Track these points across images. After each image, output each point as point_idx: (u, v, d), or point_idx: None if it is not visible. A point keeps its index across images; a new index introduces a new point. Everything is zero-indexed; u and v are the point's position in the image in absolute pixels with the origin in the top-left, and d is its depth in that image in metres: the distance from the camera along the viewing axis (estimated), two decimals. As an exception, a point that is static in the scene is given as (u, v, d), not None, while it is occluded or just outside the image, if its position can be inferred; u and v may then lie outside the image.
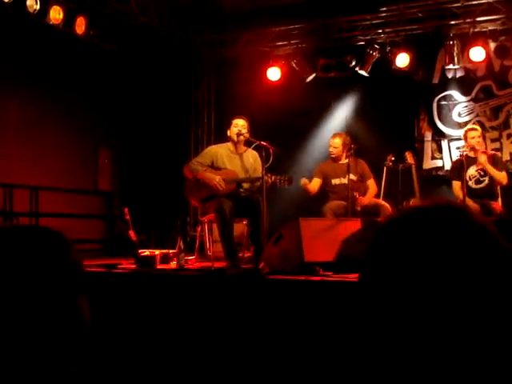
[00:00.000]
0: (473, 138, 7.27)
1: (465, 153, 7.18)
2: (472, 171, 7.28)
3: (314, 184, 7.40)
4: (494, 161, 7.30)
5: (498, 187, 7.31)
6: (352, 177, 7.01)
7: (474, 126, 7.70)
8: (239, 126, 6.71)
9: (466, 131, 7.45)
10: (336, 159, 7.46)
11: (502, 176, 7.18)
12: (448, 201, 0.96)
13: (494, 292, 0.86)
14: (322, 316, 4.29)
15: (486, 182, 7.25)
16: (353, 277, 4.48)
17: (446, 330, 0.85)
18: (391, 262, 0.89)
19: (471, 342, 0.85)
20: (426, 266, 0.86)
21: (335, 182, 7.38)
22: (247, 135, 6.66)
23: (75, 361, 1.26)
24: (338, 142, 7.44)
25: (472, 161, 7.25)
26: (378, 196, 7.34)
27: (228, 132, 6.83)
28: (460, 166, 7.22)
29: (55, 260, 1.24)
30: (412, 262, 0.87)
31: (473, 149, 7.25)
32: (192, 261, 6.69)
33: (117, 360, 4.76)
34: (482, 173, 7.27)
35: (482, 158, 7.15)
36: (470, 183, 7.18)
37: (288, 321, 4.52)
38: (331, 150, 7.46)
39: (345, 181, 7.21)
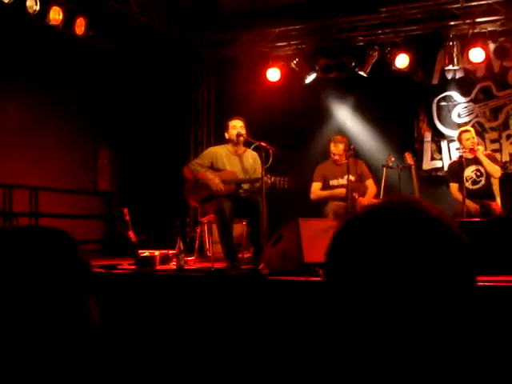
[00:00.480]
0: (467, 139, 7.30)
1: (464, 153, 7.19)
2: (468, 172, 7.29)
3: (315, 189, 7.41)
4: (490, 159, 7.33)
5: (495, 187, 7.32)
6: (351, 177, 7.01)
7: (467, 128, 7.71)
8: (238, 127, 6.71)
9: (460, 133, 7.46)
10: (337, 161, 7.47)
11: (495, 169, 7.21)
12: (403, 197, 0.98)
13: (449, 279, 0.88)
14: (321, 316, 4.29)
15: (483, 182, 7.27)
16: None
17: (408, 321, 0.86)
18: (352, 260, 0.91)
19: (429, 333, 0.86)
20: (383, 260, 0.88)
21: (333, 182, 7.38)
22: (246, 136, 6.66)
23: (85, 363, 1.26)
24: (341, 147, 7.42)
25: (468, 162, 7.27)
26: (377, 196, 7.34)
27: (226, 135, 6.82)
28: (458, 168, 7.23)
29: (63, 261, 1.23)
30: (370, 259, 0.89)
31: (471, 150, 7.26)
32: (191, 261, 6.69)
33: (117, 360, 4.75)
34: (479, 173, 7.29)
35: (480, 149, 7.21)
36: (466, 184, 7.19)
37: (288, 321, 4.52)
38: (336, 157, 7.43)
39: (343, 182, 7.22)
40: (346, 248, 0.93)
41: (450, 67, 8.80)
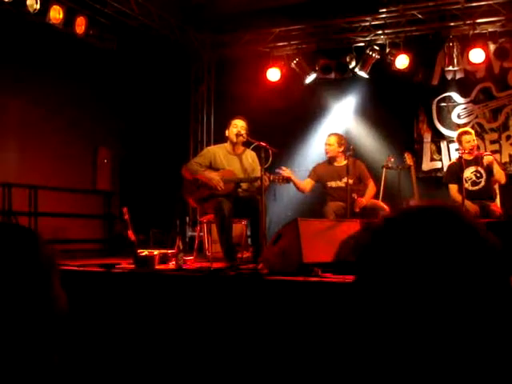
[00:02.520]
0: (468, 141, 7.29)
1: (463, 155, 7.18)
2: (468, 173, 7.29)
3: (305, 184, 7.42)
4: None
5: (495, 188, 7.33)
6: (349, 180, 7.02)
7: (467, 129, 7.70)
8: (238, 126, 6.71)
9: (460, 134, 7.45)
10: (331, 160, 7.45)
11: (503, 176, 7.23)
12: (442, 202, 0.97)
13: (484, 289, 0.88)
14: (320, 317, 4.29)
15: (483, 183, 7.28)
16: (352, 278, 4.47)
17: (442, 329, 0.86)
18: (387, 262, 0.90)
19: (466, 340, 0.86)
20: (419, 266, 0.88)
21: (331, 184, 7.37)
22: (246, 136, 6.66)
23: (55, 350, 1.30)
24: (332, 139, 7.43)
25: (467, 163, 7.27)
26: (377, 197, 7.34)
27: (227, 132, 6.84)
28: (456, 170, 7.24)
29: (21, 254, 1.30)
30: (406, 263, 0.88)
31: (470, 152, 7.27)
32: (191, 261, 6.69)
33: (115, 359, 4.75)
34: (478, 174, 7.29)
35: (490, 158, 7.21)
36: (466, 185, 7.19)
37: (287, 321, 4.52)
38: (326, 148, 7.44)
39: (341, 184, 7.22)
40: (382, 249, 0.92)
41: (450, 68, 8.80)
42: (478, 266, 0.88)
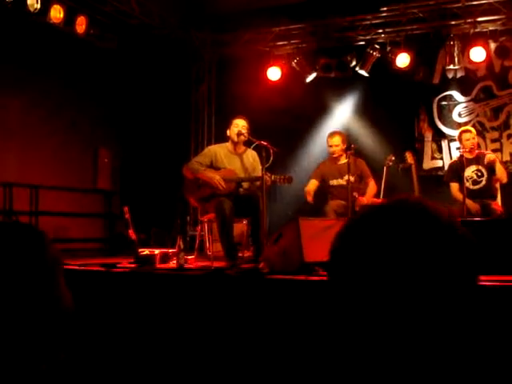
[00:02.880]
0: (467, 140, 7.29)
1: (464, 153, 7.18)
2: (469, 172, 7.28)
3: (310, 186, 7.42)
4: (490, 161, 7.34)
5: (496, 187, 7.32)
6: (350, 178, 7.03)
7: (468, 128, 7.69)
8: (240, 126, 6.71)
9: (461, 133, 7.45)
10: (336, 159, 7.46)
11: (505, 175, 7.23)
12: (408, 196, 0.98)
13: (453, 277, 0.88)
14: (321, 315, 4.29)
15: (484, 182, 7.27)
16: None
17: (409, 323, 0.86)
18: (356, 258, 0.91)
19: (432, 331, 0.87)
20: (387, 259, 0.88)
21: (333, 182, 7.38)
22: (247, 135, 6.66)
23: (61, 347, 1.32)
24: (337, 139, 7.44)
25: (468, 162, 7.26)
26: (377, 196, 7.33)
27: (228, 132, 6.83)
28: (457, 168, 7.24)
29: (27, 253, 1.32)
30: (374, 258, 0.89)
31: (471, 150, 7.26)
32: (191, 260, 6.69)
33: (116, 359, 4.75)
34: (479, 173, 7.28)
35: (492, 156, 7.21)
36: (467, 184, 7.18)
37: (287, 320, 4.52)
38: (333, 149, 7.44)
39: (342, 182, 7.23)
40: (351, 246, 0.93)
41: (451, 66, 8.79)
42: (445, 260, 0.88)
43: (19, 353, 1.23)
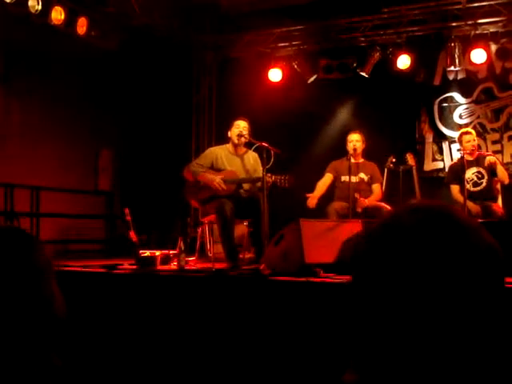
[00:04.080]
0: (468, 141, 7.28)
1: (465, 155, 7.16)
2: (469, 174, 7.28)
3: (326, 180, 7.40)
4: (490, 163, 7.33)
5: (497, 188, 7.31)
6: (363, 175, 7.07)
7: (468, 129, 7.67)
8: (240, 127, 6.70)
9: (461, 135, 7.45)
10: (351, 156, 7.36)
11: (506, 176, 7.22)
12: (438, 201, 0.98)
13: (478, 290, 0.88)
14: (322, 317, 4.29)
15: (484, 184, 7.26)
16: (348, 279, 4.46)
17: (436, 330, 0.86)
18: (382, 265, 0.90)
19: (459, 340, 0.86)
20: (414, 268, 0.88)
21: (345, 178, 7.29)
22: (248, 137, 6.65)
23: (52, 350, 1.31)
24: (358, 136, 7.44)
25: (469, 164, 7.25)
26: (380, 200, 7.33)
27: (229, 133, 6.83)
28: (457, 170, 7.22)
29: (13, 257, 1.31)
30: (401, 266, 0.88)
31: (471, 152, 7.26)
32: (192, 262, 6.69)
33: (117, 360, 4.75)
34: (480, 175, 7.28)
35: (493, 159, 7.20)
36: (467, 186, 7.17)
37: (289, 322, 4.52)
38: (354, 144, 7.37)
39: (354, 179, 7.17)
40: (379, 251, 0.92)
41: (452, 68, 8.79)
42: (471, 267, 0.88)
43: (8, 357, 1.23)
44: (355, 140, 7.42)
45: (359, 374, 0.93)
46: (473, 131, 7.55)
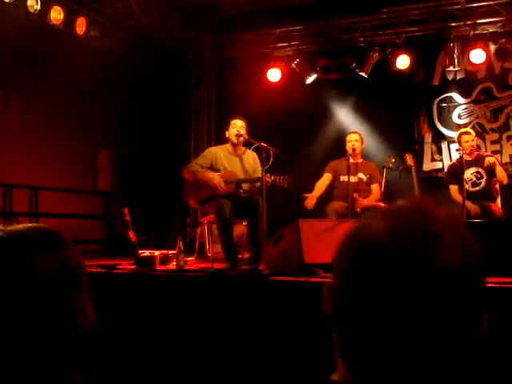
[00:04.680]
0: (466, 141, 7.27)
1: (464, 155, 7.15)
2: (468, 174, 7.27)
3: (325, 180, 7.40)
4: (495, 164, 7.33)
5: (496, 188, 7.31)
6: (362, 176, 7.07)
7: (468, 130, 7.67)
8: (238, 126, 6.69)
9: (460, 135, 7.44)
10: (350, 156, 7.38)
11: (505, 176, 7.22)
12: (414, 198, 0.97)
13: (459, 280, 0.88)
14: (321, 317, 4.29)
15: (483, 184, 7.25)
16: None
17: (419, 319, 0.86)
18: (355, 270, 0.90)
19: (437, 331, 0.86)
20: (395, 261, 0.87)
21: (344, 178, 7.29)
22: (246, 136, 6.65)
23: (74, 365, 1.21)
24: (358, 136, 7.46)
25: (468, 164, 7.25)
26: (379, 200, 7.33)
27: (227, 133, 6.82)
28: (456, 170, 7.22)
29: (44, 262, 1.18)
30: (382, 261, 0.88)
31: (470, 152, 7.26)
32: (192, 262, 6.68)
33: (117, 360, 4.75)
34: (479, 175, 7.27)
35: (492, 159, 7.19)
36: (466, 186, 7.17)
37: (288, 322, 4.52)
38: (353, 144, 7.38)
39: (353, 179, 7.18)
40: (349, 258, 0.92)
41: (451, 68, 8.80)
42: (443, 271, 0.87)
43: (25, 373, 1.12)
44: (354, 140, 7.42)
45: (348, 374, 0.93)
46: (472, 131, 7.54)
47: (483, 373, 0.90)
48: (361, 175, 7.20)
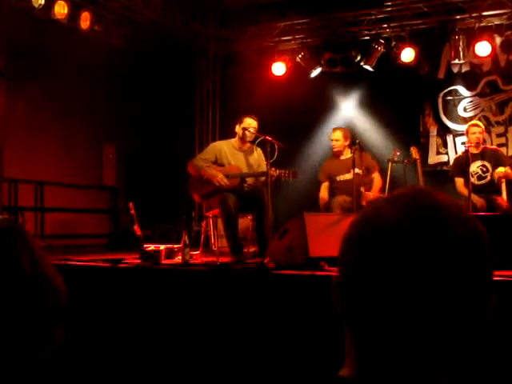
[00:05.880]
0: (473, 133, 7.24)
1: (466, 148, 7.11)
2: (474, 167, 7.24)
3: (324, 191, 7.39)
4: (497, 157, 7.29)
5: (502, 183, 7.28)
6: (357, 170, 7.02)
7: (477, 122, 7.64)
8: (252, 126, 6.67)
9: (469, 126, 7.42)
10: (338, 153, 7.44)
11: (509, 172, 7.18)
12: (417, 189, 0.96)
13: (467, 272, 0.87)
14: (327, 311, 4.29)
15: (489, 178, 7.23)
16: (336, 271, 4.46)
17: (424, 311, 0.86)
18: (368, 257, 0.90)
19: (443, 327, 0.86)
20: (398, 259, 0.87)
21: (340, 178, 7.34)
22: (254, 135, 6.64)
23: (43, 342, 1.31)
24: (338, 134, 7.44)
25: (474, 157, 7.22)
26: (383, 191, 7.31)
27: (237, 127, 6.81)
28: (462, 163, 7.19)
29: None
30: (386, 257, 0.87)
31: (476, 144, 7.23)
32: (197, 256, 6.69)
33: (122, 354, 4.77)
34: (484, 169, 7.25)
35: (501, 172, 7.09)
36: (472, 179, 7.15)
37: (293, 316, 4.52)
38: (333, 143, 7.44)
39: (349, 176, 7.20)
40: (360, 245, 0.91)
41: (456, 61, 8.77)
42: (455, 258, 0.87)
43: (7, 339, 1.25)
44: (334, 139, 7.43)
45: (356, 369, 0.92)
46: (481, 124, 7.49)
47: (488, 366, 0.91)
48: (356, 170, 7.10)
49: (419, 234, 0.87)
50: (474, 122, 7.69)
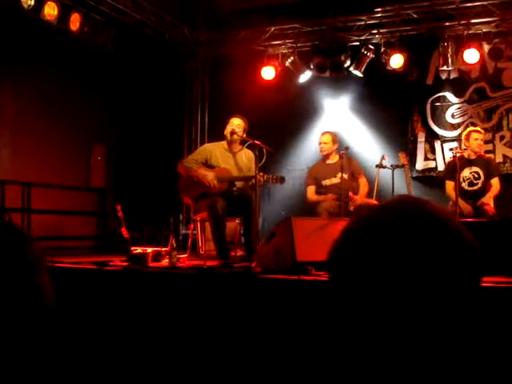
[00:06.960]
0: (476, 139, 7.26)
1: (458, 154, 7.14)
2: (466, 173, 7.27)
3: (311, 193, 7.38)
4: (488, 165, 7.31)
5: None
6: (344, 175, 7.02)
7: (478, 128, 7.64)
8: (234, 124, 6.69)
9: (470, 132, 7.41)
10: (326, 158, 7.45)
11: (497, 186, 7.21)
12: (411, 197, 0.97)
13: (455, 279, 0.88)
14: (313, 316, 4.29)
15: (480, 185, 7.26)
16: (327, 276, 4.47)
17: (413, 319, 0.86)
18: (359, 260, 0.90)
19: (432, 332, 0.87)
20: (391, 260, 0.87)
21: (326, 182, 7.35)
22: (241, 134, 6.64)
23: (39, 345, 1.30)
24: (327, 138, 7.43)
25: (467, 163, 7.25)
26: (370, 196, 7.33)
27: (225, 129, 6.81)
28: (456, 168, 7.21)
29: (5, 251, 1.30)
30: (378, 259, 0.88)
31: (476, 152, 7.25)
32: (184, 259, 6.68)
33: (107, 357, 4.75)
34: (476, 175, 7.27)
35: (486, 200, 7.14)
36: (463, 185, 7.18)
37: (280, 320, 4.52)
38: (321, 146, 7.44)
39: (335, 180, 7.21)
40: (355, 248, 0.92)
41: (445, 68, 8.82)
42: (447, 265, 0.88)
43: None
44: (323, 142, 7.43)
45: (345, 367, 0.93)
46: (482, 131, 7.54)
47: (482, 372, 0.91)
48: (343, 175, 7.09)
49: (410, 239, 0.87)
50: (474, 128, 7.70)
